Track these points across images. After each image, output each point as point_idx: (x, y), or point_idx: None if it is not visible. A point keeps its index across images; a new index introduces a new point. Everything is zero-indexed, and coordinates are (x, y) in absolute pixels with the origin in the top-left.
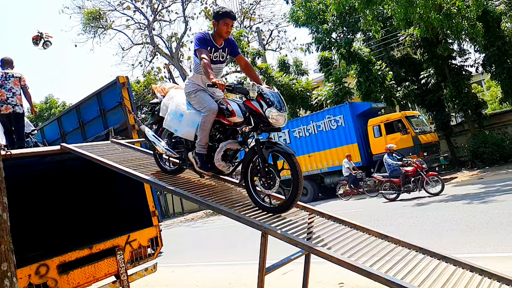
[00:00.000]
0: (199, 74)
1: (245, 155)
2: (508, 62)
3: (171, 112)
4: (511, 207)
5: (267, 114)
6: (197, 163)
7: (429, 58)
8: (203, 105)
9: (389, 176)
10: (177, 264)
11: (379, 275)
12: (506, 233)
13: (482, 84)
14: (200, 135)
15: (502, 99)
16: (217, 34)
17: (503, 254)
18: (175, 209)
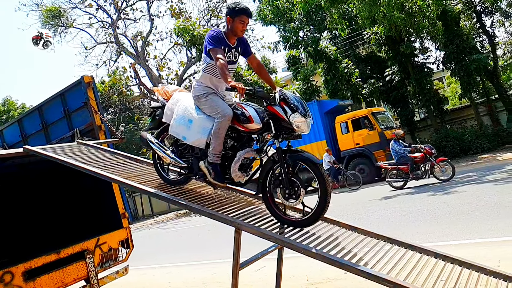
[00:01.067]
0: (210, 76)
1: (264, 164)
2: (466, 59)
3: (178, 117)
4: (471, 197)
5: (292, 120)
6: (211, 174)
7: (393, 56)
8: (217, 110)
9: (396, 164)
10: (149, 266)
11: (350, 265)
12: (466, 222)
13: (443, 80)
14: (214, 143)
15: (462, 95)
16: (231, 32)
17: (464, 241)
18: (145, 211)
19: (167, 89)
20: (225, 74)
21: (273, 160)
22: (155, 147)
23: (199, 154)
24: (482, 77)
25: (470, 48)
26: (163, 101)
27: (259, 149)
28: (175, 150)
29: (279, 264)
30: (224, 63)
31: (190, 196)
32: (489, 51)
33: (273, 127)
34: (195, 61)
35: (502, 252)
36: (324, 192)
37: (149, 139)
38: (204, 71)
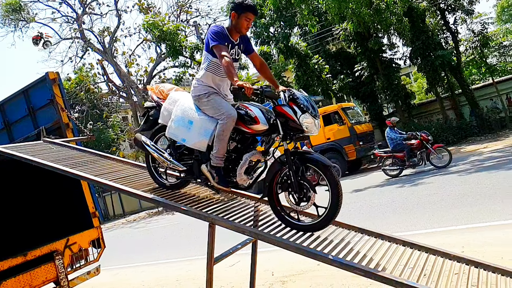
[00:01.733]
0: (213, 74)
1: (271, 166)
2: (431, 55)
3: (176, 118)
4: (437, 188)
5: (302, 121)
6: (214, 178)
7: (362, 52)
8: (220, 111)
9: (392, 151)
10: (121, 266)
11: (323, 256)
12: (433, 211)
13: (410, 76)
14: (218, 146)
15: (428, 90)
16: (234, 28)
17: (431, 230)
18: (116, 211)
19: (162, 88)
20: (232, 73)
21: (280, 162)
22: (151, 149)
23: (200, 157)
24: (446, 72)
25: (435, 44)
26: (158, 100)
27: (265, 151)
28: (173, 152)
29: (253, 258)
30: (230, 61)
31: (163, 193)
32: (452, 48)
33: (281, 128)
34: (165, 57)
35: (465, 239)
36: (336, 195)
37: (144, 142)
38: (206, 70)
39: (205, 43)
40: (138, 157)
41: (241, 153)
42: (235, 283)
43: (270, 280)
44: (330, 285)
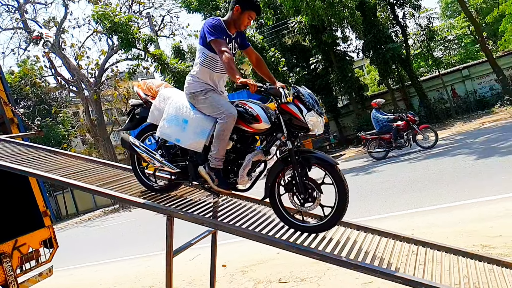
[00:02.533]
0: (209, 70)
1: (273, 167)
2: (382, 48)
3: (169, 117)
4: (389, 175)
5: (307, 119)
6: (213, 180)
7: (316, 45)
8: (219, 109)
9: (378, 133)
10: (76, 265)
11: (280, 242)
12: (385, 197)
13: (363, 68)
14: (217, 147)
15: (379, 82)
16: (233, 22)
17: (384, 215)
18: (69, 210)
19: (150, 84)
20: (234, 70)
21: (283, 162)
22: (140, 151)
23: (196, 158)
24: (397, 65)
25: (386, 37)
26: (146, 98)
27: (266, 151)
28: (165, 153)
29: (213, 249)
30: (230, 56)
31: (117, 187)
32: (402, 41)
33: (284, 127)
34: (117, 50)
35: (414, 222)
36: (343, 194)
37: (133, 142)
38: (202, 65)
39: (200, 37)
40: (91, 154)
41: (240, 153)
42: (195, 276)
43: (230, 271)
44: (290, 272)
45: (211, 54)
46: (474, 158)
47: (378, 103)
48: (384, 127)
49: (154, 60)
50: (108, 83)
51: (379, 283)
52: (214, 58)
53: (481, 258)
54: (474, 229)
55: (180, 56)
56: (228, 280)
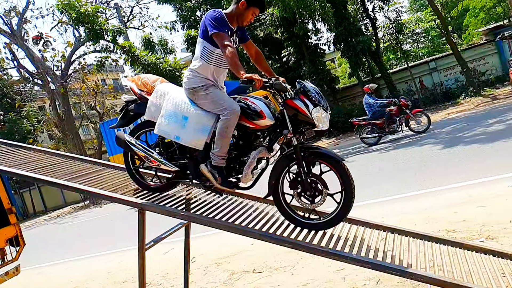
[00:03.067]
0: (210, 65)
1: (277, 163)
2: (353, 41)
3: (167, 114)
4: (360, 166)
5: (314, 115)
6: (216, 179)
7: (288, 37)
8: (222, 105)
9: (371, 119)
10: (45, 264)
11: (253, 232)
12: (356, 188)
13: (335, 61)
14: (220, 144)
15: (350, 74)
16: (236, 17)
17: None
18: (36, 207)
19: (145, 79)
20: (238, 65)
21: (288, 159)
22: (137, 149)
23: (196, 156)
24: (367, 57)
25: (356, 30)
26: (141, 93)
27: (269, 148)
28: (164, 151)
29: (186, 242)
30: (234, 51)
31: (86, 181)
32: (372, 34)
33: (289, 123)
34: (84, 42)
35: (384, 210)
36: (350, 191)
37: (129, 141)
38: (202, 59)
39: (201, 30)
40: (59, 149)
41: (242, 150)
42: (169, 269)
43: (205, 263)
44: (264, 262)
45: (212, 48)
46: (440, 147)
47: (370, 88)
48: (376, 112)
49: (124, 52)
50: (76, 76)
51: (350, 269)
52: (215, 52)
53: (446, 242)
54: (440, 215)
55: (151, 48)
56: (202, 273)
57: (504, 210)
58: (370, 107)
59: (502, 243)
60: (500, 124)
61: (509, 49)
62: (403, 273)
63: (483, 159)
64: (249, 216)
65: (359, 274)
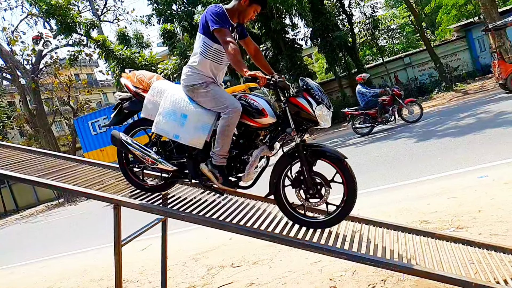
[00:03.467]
0: (210, 61)
1: (279, 162)
2: (330, 36)
3: (165, 112)
4: None
5: (317, 112)
6: (218, 179)
7: (266, 32)
8: (223, 103)
9: (363, 108)
10: (18, 264)
11: (230, 226)
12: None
13: (312, 56)
14: (221, 143)
15: (327, 69)
16: (238, 13)
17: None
18: (7, 206)
19: (141, 76)
20: (241, 62)
21: (290, 157)
22: (133, 148)
23: (195, 155)
24: (343, 52)
25: (333, 25)
26: (136, 90)
27: (270, 146)
28: (161, 150)
29: (163, 237)
30: (236, 48)
31: (60, 177)
32: (348, 29)
33: (292, 121)
34: (56, 35)
35: (361, 202)
36: (352, 189)
37: (125, 140)
38: (202, 55)
39: (201, 25)
40: (31, 146)
41: (243, 149)
42: (147, 266)
43: (183, 259)
44: (242, 256)
45: (212, 44)
46: (414, 141)
47: (363, 78)
48: (369, 102)
49: (97, 46)
50: (48, 70)
51: (327, 261)
52: (215, 48)
53: (418, 232)
54: (413, 206)
55: (126, 42)
56: (180, 268)
57: (473, 201)
58: (363, 97)
59: (471, 232)
60: (470, 118)
61: (479, 45)
62: (378, 263)
63: (454, 152)
64: (227, 210)
65: (336, 265)
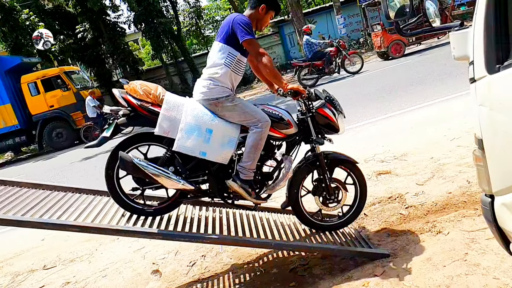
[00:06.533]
0: (233, 72)
1: (299, 172)
2: (154, 22)
3: (188, 128)
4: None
5: (339, 122)
6: (250, 194)
7: (82, 12)
8: (254, 117)
9: (310, 59)
10: None
11: (31, 220)
12: None
13: (139, 42)
14: (252, 157)
15: (153, 56)
16: (256, 21)
17: None
18: None
19: (146, 88)
20: (279, 75)
21: (309, 165)
22: (151, 171)
23: (215, 172)
24: (169, 40)
25: (157, 11)
26: (141, 104)
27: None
28: (181, 169)
29: None
30: (271, 59)
31: None
32: (173, 16)
33: (313, 131)
34: None
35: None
36: (364, 193)
37: (139, 163)
38: (227, 66)
39: (225, 35)
40: None
41: (262, 161)
42: None
43: None
44: (57, 256)
45: (238, 55)
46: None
47: (310, 28)
48: (317, 53)
49: None
50: None
51: (151, 247)
52: (240, 59)
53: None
54: None
55: None
56: None
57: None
58: (311, 47)
59: (277, 202)
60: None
61: (290, 41)
62: (191, 238)
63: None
64: (28, 205)
65: (159, 249)
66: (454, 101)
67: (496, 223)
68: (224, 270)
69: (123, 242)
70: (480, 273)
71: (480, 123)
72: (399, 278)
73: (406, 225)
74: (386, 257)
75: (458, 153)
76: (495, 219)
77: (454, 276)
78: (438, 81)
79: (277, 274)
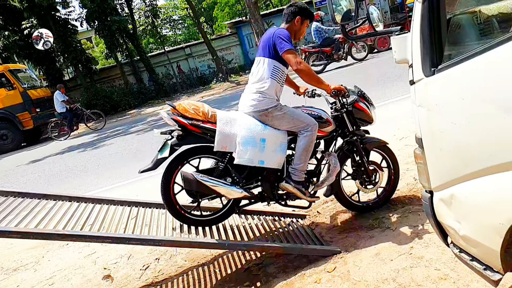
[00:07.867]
0: (277, 83)
1: (340, 160)
2: (108, 19)
3: (244, 140)
4: (117, 148)
5: (372, 114)
6: (304, 193)
7: (29, 7)
8: (303, 122)
9: (320, 46)
10: None
11: None
12: (112, 169)
13: (92, 40)
14: (304, 159)
15: (107, 55)
16: (293, 32)
17: (111, 186)
18: None
19: (195, 107)
20: (320, 79)
21: (346, 154)
22: (214, 185)
23: (266, 177)
24: (124, 38)
25: (111, 9)
26: (193, 123)
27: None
28: (238, 179)
29: None
30: (309, 66)
31: None
32: (128, 15)
33: (349, 124)
34: None
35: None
36: (397, 173)
37: (201, 179)
38: (274, 79)
39: (268, 49)
40: None
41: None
42: None
43: None
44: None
45: (282, 68)
46: None
47: (320, 15)
48: (327, 39)
49: None
50: None
51: (102, 251)
52: (283, 70)
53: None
54: None
55: None
56: None
57: None
58: (320, 34)
59: None
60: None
61: (248, 42)
62: (143, 241)
63: None
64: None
65: (111, 254)
66: (403, 102)
67: (435, 217)
68: (179, 272)
69: (73, 248)
70: (423, 265)
71: (419, 123)
72: (350, 273)
73: (356, 222)
74: (338, 254)
75: (406, 152)
76: (434, 213)
77: (400, 269)
78: (389, 83)
79: (231, 274)
